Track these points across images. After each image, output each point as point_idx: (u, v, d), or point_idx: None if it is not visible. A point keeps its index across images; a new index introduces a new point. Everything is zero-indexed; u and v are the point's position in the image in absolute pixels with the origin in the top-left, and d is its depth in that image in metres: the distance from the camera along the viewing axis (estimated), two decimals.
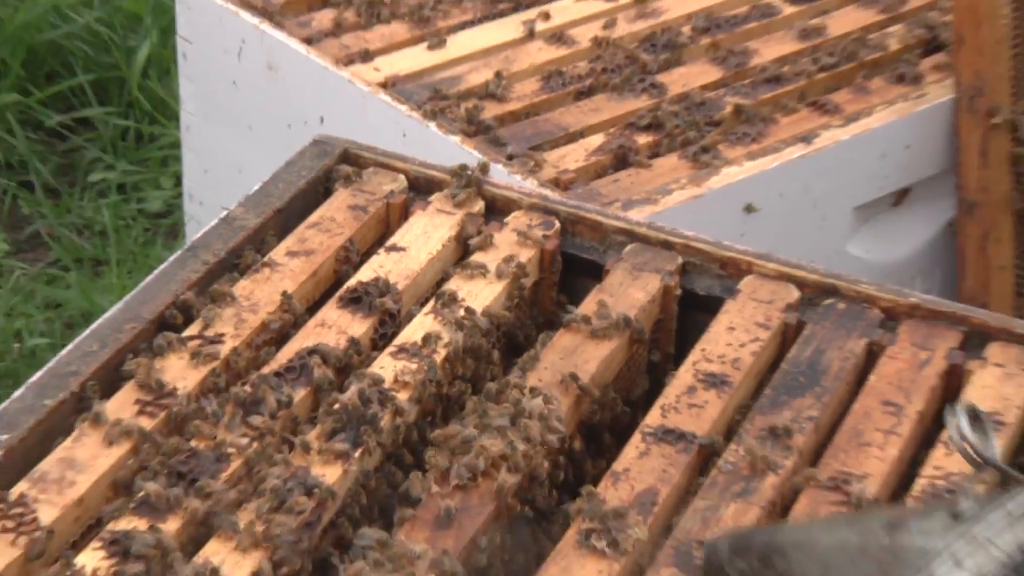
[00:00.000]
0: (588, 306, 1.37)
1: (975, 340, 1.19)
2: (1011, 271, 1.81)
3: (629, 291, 1.37)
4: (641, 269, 1.39)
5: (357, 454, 1.23)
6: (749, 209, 1.67)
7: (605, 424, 1.34)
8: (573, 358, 1.29)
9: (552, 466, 1.22)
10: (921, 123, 2.01)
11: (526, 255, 1.44)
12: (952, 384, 1.21)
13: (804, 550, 1.02)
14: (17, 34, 2.96)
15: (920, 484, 1.07)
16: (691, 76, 1.84)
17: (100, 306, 1.72)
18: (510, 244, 1.45)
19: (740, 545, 1.08)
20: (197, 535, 1.16)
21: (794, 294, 1.30)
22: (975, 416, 1.09)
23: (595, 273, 1.41)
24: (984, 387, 1.18)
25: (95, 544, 1.12)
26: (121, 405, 1.25)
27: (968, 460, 1.09)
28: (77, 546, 1.16)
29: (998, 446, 1.12)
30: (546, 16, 2.20)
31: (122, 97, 2.94)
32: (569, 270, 1.45)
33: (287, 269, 1.43)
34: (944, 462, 1.10)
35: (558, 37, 2.16)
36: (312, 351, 1.32)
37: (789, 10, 1.94)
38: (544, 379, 1.25)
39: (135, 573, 1.10)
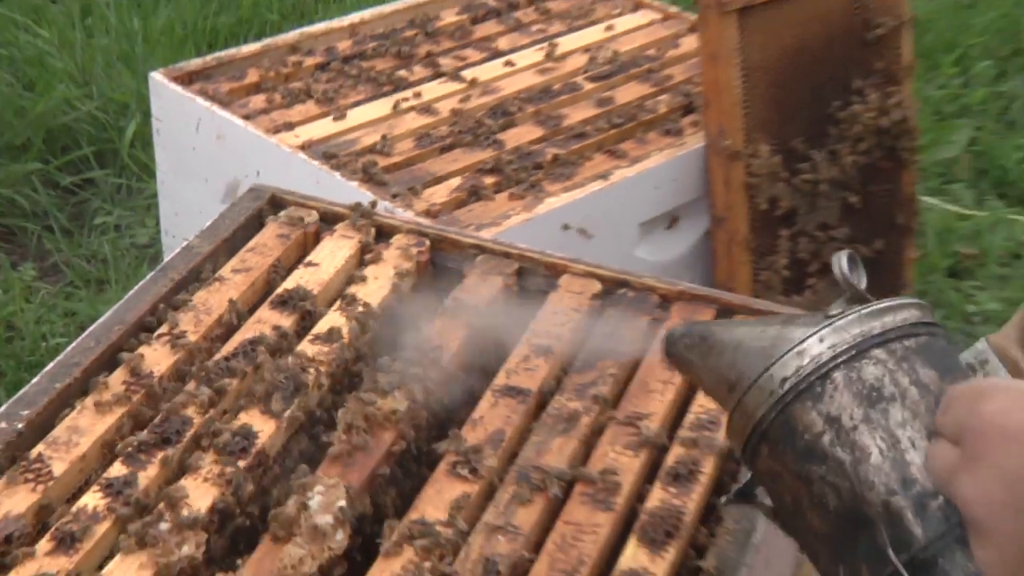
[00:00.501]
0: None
1: (725, 314, 1.22)
2: (748, 265, 1.85)
3: (480, 289, 1.37)
4: (488, 273, 1.39)
5: (287, 413, 1.21)
6: (565, 227, 1.68)
7: None
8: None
9: (429, 416, 1.21)
10: (684, 163, 2.00)
11: (406, 266, 1.43)
12: None
13: (726, 331, 1.01)
14: (38, 119, 2.91)
15: (689, 418, 1.09)
16: (522, 134, 1.84)
17: (103, 314, 1.63)
18: (394, 258, 1.43)
19: (686, 331, 1.08)
20: (172, 477, 1.15)
21: (597, 287, 1.31)
22: (852, 259, 1.12)
23: (457, 278, 1.41)
24: None
25: (94, 488, 1.12)
26: (112, 385, 1.23)
27: (845, 287, 1.11)
28: (78, 493, 1.15)
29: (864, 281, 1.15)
30: (418, 95, 2.13)
31: (116, 162, 2.89)
32: (438, 276, 1.45)
33: (232, 282, 1.41)
34: (705, 402, 1.12)
35: (426, 109, 2.10)
36: (253, 340, 1.30)
37: (589, 86, 1.94)
38: None
39: (124, 506, 1.09)
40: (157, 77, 2.11)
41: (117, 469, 1.17)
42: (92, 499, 1.13)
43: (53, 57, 3.11)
